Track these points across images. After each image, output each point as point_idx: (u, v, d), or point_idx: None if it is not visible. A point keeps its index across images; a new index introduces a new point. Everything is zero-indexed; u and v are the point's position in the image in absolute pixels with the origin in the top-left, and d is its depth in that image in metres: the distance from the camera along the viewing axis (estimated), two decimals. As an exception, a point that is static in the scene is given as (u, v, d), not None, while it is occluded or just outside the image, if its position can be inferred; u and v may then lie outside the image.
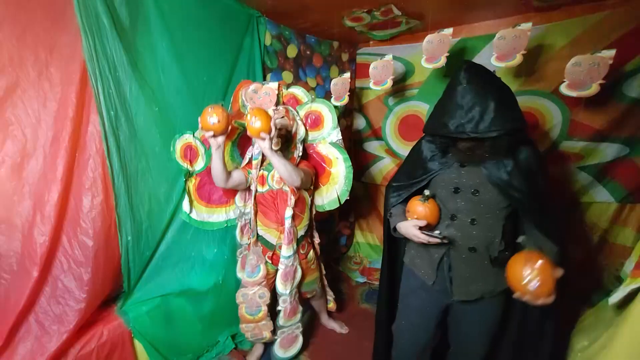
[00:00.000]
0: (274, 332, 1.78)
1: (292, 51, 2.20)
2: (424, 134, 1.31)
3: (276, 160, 1.47)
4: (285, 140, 1.68)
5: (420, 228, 1.16)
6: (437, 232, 1.15)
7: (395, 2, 1.75)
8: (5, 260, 1.25)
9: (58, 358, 1.31)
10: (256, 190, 1.69)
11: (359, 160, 2.84)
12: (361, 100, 2.70)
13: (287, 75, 2.20)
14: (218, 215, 1.85)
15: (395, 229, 1.28)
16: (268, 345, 1.86)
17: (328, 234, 2.70)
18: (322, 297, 2.05)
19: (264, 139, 1.39)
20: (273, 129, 1.40)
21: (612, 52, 1.34)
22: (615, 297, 1.09)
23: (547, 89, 1.88)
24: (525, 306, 1.21)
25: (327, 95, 2.46)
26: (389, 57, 1.91)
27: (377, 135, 2.66)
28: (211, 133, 1.41)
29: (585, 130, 1.85)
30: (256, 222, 1.73)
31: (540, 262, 0.91)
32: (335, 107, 2.50)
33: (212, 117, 1.37)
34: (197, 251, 1.82)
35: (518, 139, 1.10)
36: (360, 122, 2.76)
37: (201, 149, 1.75)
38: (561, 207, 2.07)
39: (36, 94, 1.23)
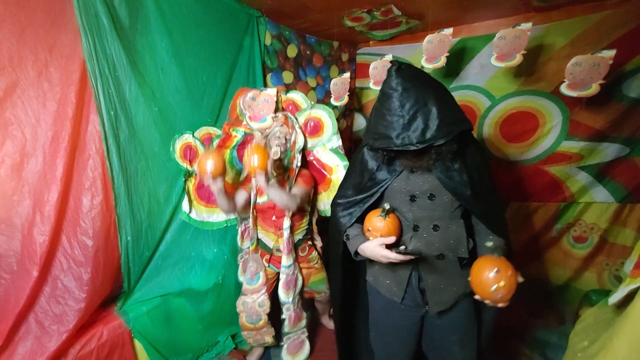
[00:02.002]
0: (278, 338, 1.79)
1: (292, 51, 2.20)
2: (365, 145, 1.20)
3: (272, 193, 1.50)
4: (284, 149, 1.66)
5: (388, 246, 1.06)
6: (402, 247, 1.07)
7: (395, 2, 1.75)
8: (5, 260, 1.25)
9: (58, 358, 1.31)
10: (255, 200, 1.69)
11: (359, 160, 2.84)
12: (361, 100, 2.70)
13: (287, 75, 2.20)
14: (218, 215, 1.85)
15: (357, 252, 1.15)
16: (268, 346, 1.87)
17: (328, 234, 2.70)
18: (328, 300, 2.05)
19: (260, 176, 1.40)
20: (269, 167, 1.41)
21: (612, 52, 1.34)
22: (615, 297, 1.09)
23: (547, 89, 1.88)
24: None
25: (327, 95, 2.46)
26: (389, 57, 1.92)
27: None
28: (209, 179, 1.41)
29: (585, 130, 1.85)
30: (256, 228, 1.73)
31: (510, 271, 0.91)
32: (335, 107, 2.51)
33: (208, 165, 1.37)
34: (197, 251, 1.81)
35: (464, 140, 1.06)
36: (360, 122, 2.76)
37: (201, 149, 1.75)
38: (560, 206, 2.08)
39: (36, 94, 1.23)
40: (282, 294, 1.70)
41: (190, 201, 1.73)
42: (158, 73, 1.55)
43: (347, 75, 2.06)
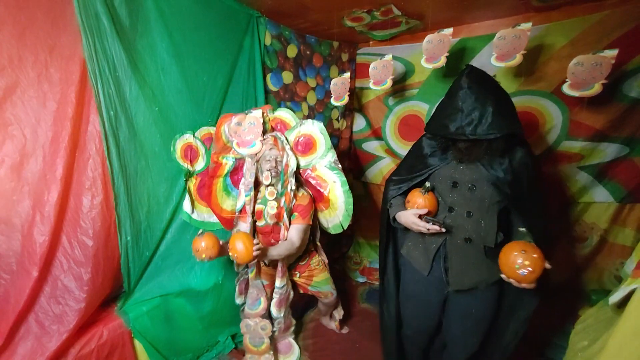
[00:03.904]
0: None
1: (292, 51, 2.20)
2: (425, 132, 1.39)
3: (273, 254, 1.54)
4: (276, 173, 1.61)
5: (420, 217, 1.24)
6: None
7: (395, 2, 1.75)
8: (5, 260, 1.25)
9: (58, 358, 1.31)
10: (254, 224, 1.68)
11: (359, 160, 2.84)
12: (361, 100, 2.70)
13: (287, 75, 2.20)
14: (219, 216, 1.85)
15: (394, 219, 1.36)
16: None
17: (328, 233, 2.70)
18: (334, 304, 2.07)
19: (255, 260, 1.43)
20: (255, 252, 1.39)
21: (614, 52, 1.33)
22: (616, 297, 1.09)
23: (547, 89, 1.88)
24: (514, 297, 1.32)
25: (327, 95, 2.46)
26: (389, 57, 1.91)
27: (377, 135, 2.66)
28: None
29: (585, 130, 1.85)
30: None
31: (536, 254, 1.00)
32: (335, 107, 2.51)
33: (202, 254, 1.38)
34: (198, 251, 1.81)
35: (514, 142, 1.20)
36: (360, 122, 2.76)
37: (201, 149, 1.75)
38: (560, 206, 2.07)
39: (36, 94, 1.23)
40: (274, 310, 1.74)
41: (191, 201, 1.73)
42: (158, 73, 1.54)
43: (347, 75, 2.06)
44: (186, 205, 1.73)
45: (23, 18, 1.18)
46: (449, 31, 1.65)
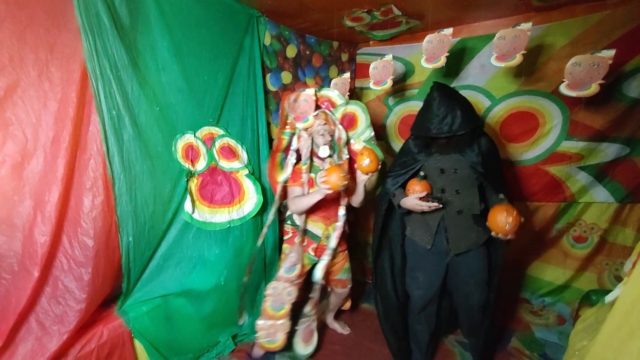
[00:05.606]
0: (291, 329, 1.84)
1: (291, 51, 2.20)
2: (410, 135, 1.73)
3: (362, 189, 1.73)
4: (332, 146, 1.75)
5: (421, 200, 1.51)
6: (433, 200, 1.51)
7: (395, 2, 1.75)
8: (6, 261, 1.25)
9: (58, 358, 1.31)
10: (308, 192, 1.76)
11: (359, 160, 2.84)
12: (361, 100, 2.70)
13: (286, 76, 2.20)
14: (220, 216, 1.84)
15: (399, 205, 1.63)
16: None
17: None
18: (347, 296, 2.09)
19: (371, 175, 1.65)
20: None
21: (611, 52, 1.34)
22: (611, 295, 1.10)
23: (547, 89, 1.89)
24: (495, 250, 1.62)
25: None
26: (389, 57, 1.91)
27: (377, 135, 2.66)
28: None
29: (585, 130, 1.85)
30: (304, 220, 1.81)
31: (515, 212, 1.33)
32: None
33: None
34: (199, 252, 1.81)
35: (478, 133, 1.57)
36: (360, 122, 2.76)
37: (202, 149, 1.75)
38: (560, 206, 2.08)
39: (36, 94, 1.22)
40: (318, 273, 1.74)
41: (192, 201, 1.73)
42: (159, 72, 1.54)
43: (347, 75, 2.07)
44: (187, 205, 1.72)
45: (23, 16, 1.17)
46: (449, 31, 1.66)
